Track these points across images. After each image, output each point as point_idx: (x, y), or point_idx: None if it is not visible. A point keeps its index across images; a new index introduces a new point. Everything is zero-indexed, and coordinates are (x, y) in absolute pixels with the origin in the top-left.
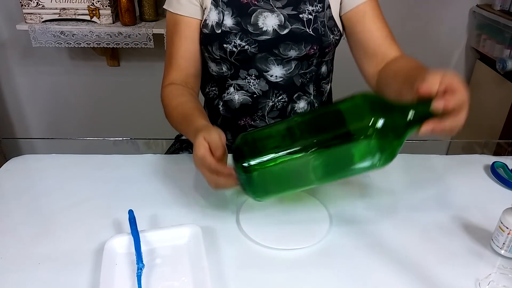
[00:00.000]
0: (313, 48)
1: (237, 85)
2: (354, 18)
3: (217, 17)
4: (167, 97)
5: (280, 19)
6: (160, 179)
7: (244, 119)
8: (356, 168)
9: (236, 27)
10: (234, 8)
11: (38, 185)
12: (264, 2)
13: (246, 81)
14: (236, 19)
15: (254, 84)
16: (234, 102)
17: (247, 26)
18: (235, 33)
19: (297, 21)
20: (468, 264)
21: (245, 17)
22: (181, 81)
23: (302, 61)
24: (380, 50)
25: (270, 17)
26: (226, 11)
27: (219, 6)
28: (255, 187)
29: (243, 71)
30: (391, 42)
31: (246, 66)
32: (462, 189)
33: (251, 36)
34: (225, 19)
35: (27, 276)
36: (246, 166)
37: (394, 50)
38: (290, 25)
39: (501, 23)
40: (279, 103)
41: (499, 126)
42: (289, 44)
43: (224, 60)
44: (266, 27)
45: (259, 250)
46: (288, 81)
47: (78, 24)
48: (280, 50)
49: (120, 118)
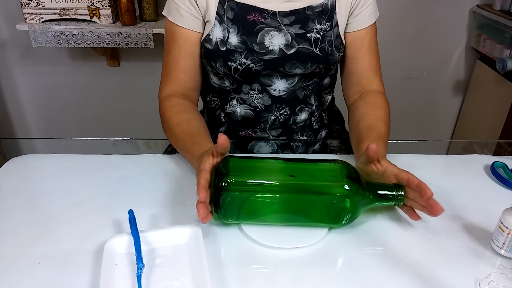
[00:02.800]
0: (319, 67)
1: (240, 99)
2: (353, 42)
3: (222, 34)
4: (168, 112)
5: (287, 39)
6: (160, 179)
7: (246, 131)
8: (319, 219)
9: (242, 46)
10: (240, 25)
11: (38, 185)
12: (271, 19)
13: (249, 95)
14: (242, 37)
15: (257, 98)
16: (236, 114)
17: (253, 45)
18: (240, 51)
19: (304, 40)
20: (468, 264)
21: (251, 36)
22: (181, 94)
23: (306, 76)
24: (361, 82)
25: (277, 36)
26: (232, 29)
27: (224, 22)
28: (224, 207)
29: (246, 86)
30: (374, 75)
31: (250, 81)
32: (462, 189)
33: (257, 55)
34: (231, 37)
35: (27, 276)
36: (223, 185)
37: (375, 84)
38: (297, 44)
39: (501, 23)
40: (281, 116)
41: (499, 126)
42: (295, 63)
43: (227, 75)
44: (272, 47)
45: (259, 250)
46: (291, 94)
47: (78, 24)
48: (286, 68)
49: (120, 118)
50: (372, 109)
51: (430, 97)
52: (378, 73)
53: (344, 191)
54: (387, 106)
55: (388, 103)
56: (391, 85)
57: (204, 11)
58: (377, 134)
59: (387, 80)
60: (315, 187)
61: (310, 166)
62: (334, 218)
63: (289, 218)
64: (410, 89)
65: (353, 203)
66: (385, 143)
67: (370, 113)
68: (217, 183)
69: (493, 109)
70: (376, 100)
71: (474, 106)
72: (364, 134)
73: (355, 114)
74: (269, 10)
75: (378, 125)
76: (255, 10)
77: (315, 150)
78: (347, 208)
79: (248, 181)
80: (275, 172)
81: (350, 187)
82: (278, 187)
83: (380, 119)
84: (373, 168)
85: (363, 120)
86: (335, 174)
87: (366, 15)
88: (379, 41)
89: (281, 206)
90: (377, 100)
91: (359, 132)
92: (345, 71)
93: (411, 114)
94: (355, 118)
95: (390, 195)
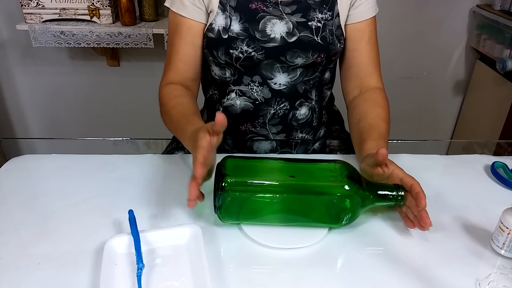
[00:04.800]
0: (320, 56)
1: (239, 91)
2: (353, 34)
3: (224, 22)
4: (165, 96)
5: (289, 27)
6: (160, 179)
7: (245, 125)
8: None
9: (244, 33)
10: (242, 13)
11: (38, 185)
12: (273, 8)
13: (249, 87)
14: (244, 25)
15: (257, 91)
16: (235, 107)
17: (255, 32)
18: (242, 39)
19: (305, 29)
20: (468, 264)
21: (253, 23)
22: (180, 83)
23: (308, 68)
24: (360, 75)
25: (279, 24)
26: (234, 16)
27: (226, 10)
28: (224, 207)
29: (247, 77)
30: (373, 69)
31: (251, 72)
32: (462, 189)
33: (258, 42)
34: (233, 24)
35: (27, 276)
36: (223, 185)
37: (374, 79)
38: (299, 32)
39: (501, 23)
40: (281, 111)
41: (499, 126)
42: (297, 51)
43: (229, 65)
44: (274, 34)
45: (259, 250)
46: (291, 88)
47: (78, 24)
48: (287, 58)
49: (120, 118)
50: (372, 107)
51: (430, 97)
52: (377, 67)
53: (344, 191)
54: (387, 103)
55: (387, 100)
56: (391, 85)
57: (208, 1)
58: (379, 133)
59: (387, 80)
60: (315, 187)
61: (310, 166)
62: (334, 218)
63: (289, 218)
64: (410, 89)
65: (353, 203)
66: (387, 142)
67: (370, 111)
68: (217, 183)
69: (493, 109)
70: (375, 97)
71: (474, 106)
72: (365, 133)
73: (355, 112)
74: None
75: (379, 123)
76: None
77: (314, 149)
78: (347, 208)
79: (248, 181)
80: (275, 172)
81: (350, 187)
82: (278, 187)
83: (381, 117)
84: (379, 171)
85: (363, 118)
86: (335, 174)
87: (366, 7)
88: (379, 41)
89: (281, 206)
90: (376, 97)
91: (360, 131)
92: (345, 64)
93: (411, 114)
94: (355, 117)
95: (390, 195)
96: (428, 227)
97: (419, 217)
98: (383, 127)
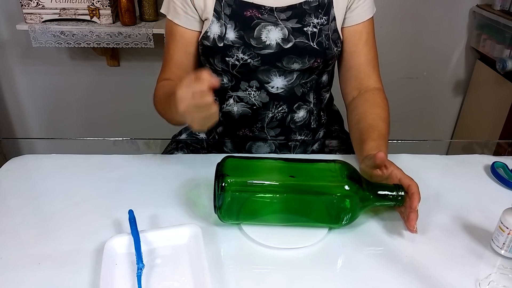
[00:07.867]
0: (316, 61)
1: (237, 97)
2: (351, 36)
3: (219, 30)
4: (158, 89)
5: (284, 33)
6: (160, 179)
7: (243, 130)
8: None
9: (239, 41)
10: (237, 21)
11: (38, 185)
12: (268, 15)
13: (247, 92)
14: (239, 32)
15: (254, 95)
16: (233, 113)
17: (250, 40)
18: (237, 46)
19: (301, 34)
20: (468, 264)
21: (248, 31)
22: None
23: (304, 72)
24: (360, 76)
25: (274, 30)
26: (229, 24)
27: (221, 18)
28: (224, 207)
29: (244, 83)
30: (372, 70)
31: (248, 78)
32: (462, 189)
33: (254, 50)
34: (228, 32)
35: (27, 276)
36: (223, 185)
37: (373, 80)
38: (294, 38)
39: (501, 23)
40: (279, 114)
41: (499, 126)
42: (293, 57)
43: (225, 72)
44: (269, 41)
45: (259, 250)
46: (289, 92)
47: (78, 24)
48: (283, 63)
49: (120, 118)
50: (372, 108)
51: (430, 97)
52: (375, 68)
53: (344, 191)
54: (386, 103)
55: (387, 100)
56: (391, 85)
57: (201, 10)
58: (379, 133)
59: (387, 80)
60: (315, 187)
61: (310, 166)
62: (334, 218)
63: (289, 218)
64: (410, 89)
65: (353, 203)
66: (386, 142)
67: (370, 112)
68: (217, 183)
69: (493, 109)
70: (374, 97)
71: (474, 106)
72: (365, 134)
73: (354, 113)
74: (266, 6)
75: (379, 124)
76: (252, 7)
77: (314, 150)
78: (347, 208)
79: (248, 181)
80: (275, 172)
81: (350, 187)
82: (278, 187)
83: (380, 118)
84: (378, 172)
85: (363, 119)
86: (335, 174)
87: (363, 9)
88: (379, 41)
89: (281, 206)
90: (375, 97)
91: (360, 131)
92: (343, 66)
93: (411, 114)
94: (354, 118)
95: (390, 195)
96: (412, 229)
97: (407, 217)
98: (383, 127)
